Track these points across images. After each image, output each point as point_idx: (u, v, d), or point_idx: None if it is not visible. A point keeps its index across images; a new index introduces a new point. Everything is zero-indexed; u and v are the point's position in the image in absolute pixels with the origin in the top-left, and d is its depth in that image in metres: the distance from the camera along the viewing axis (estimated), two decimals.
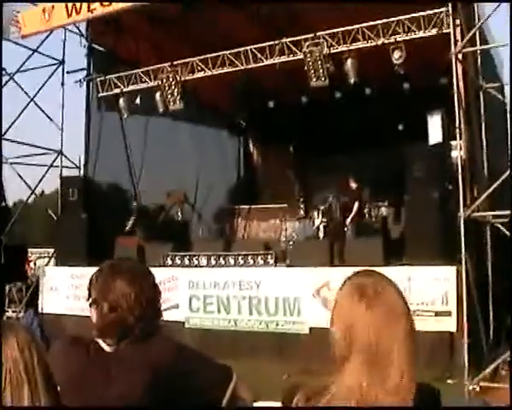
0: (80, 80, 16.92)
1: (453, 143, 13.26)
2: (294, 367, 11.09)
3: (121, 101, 16.37)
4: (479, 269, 11.62)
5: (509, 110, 13.10)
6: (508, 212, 12.08)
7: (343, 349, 1.87)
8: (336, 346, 1.90)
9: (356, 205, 15.04)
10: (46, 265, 17.09)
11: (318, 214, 17.72)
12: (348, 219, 15.03)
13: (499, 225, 11.70)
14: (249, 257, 14.25)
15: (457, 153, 12.05)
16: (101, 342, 2.48)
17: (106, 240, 15.59)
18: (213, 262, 14.34)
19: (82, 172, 17.38)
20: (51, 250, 17.79)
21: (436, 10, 12.74)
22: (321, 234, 16.83)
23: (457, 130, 11.21)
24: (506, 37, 12.59)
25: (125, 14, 15.01)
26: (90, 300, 2.52)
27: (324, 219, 17.08)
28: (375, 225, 16.62)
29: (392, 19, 13.26)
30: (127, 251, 14.86)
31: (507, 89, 14.76)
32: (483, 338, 11.24)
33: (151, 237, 16.18)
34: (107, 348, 2.47)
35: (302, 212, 20.27)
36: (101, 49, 17.00)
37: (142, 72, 16.17)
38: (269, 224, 19.54)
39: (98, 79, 16.67)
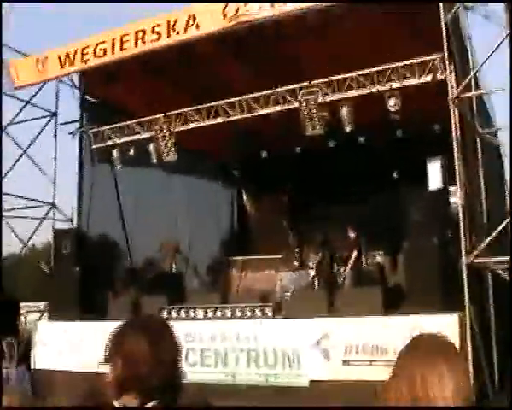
0: (73, 132, 16.85)
1: (451, 188, 13.22)
2: None
3: (114, 152, 16.27)
4: (481, 315, 11.49)
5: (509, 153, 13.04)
6: (507, 258, 12.03)
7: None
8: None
9: (354, 254, 14.94)
10: (38, 319, 16.78)
11: (314, 264, 17.62)
12: (347, 268, 14.92)
13: (500, 271, 11.63)
14: (247, 309, 14.01)
15: (456, 199, 11.99)
16: (117, 404, 2.32)
17: (99, 294, 15.36)
18: (210, 315, 14.07)
19: (75, 224, 17.17)
20: (43, 304, 17.53)
21: (430, 57, 12.76)
22: (316, 284, 16.69)
23: (457, 175, 11.14)
24: (499, 82, 12.70)
25: (119, 64, 15.03)
26: (105, 357, 2.38)
27: (320, 270, 16.97)
28: (373, 274, 16.48)
29: (387, 66, 13.27)
30: (121, 306, 14.63)
31: (500, 133, 14.83)
32: (488, 384, 11.05)
33: (145, 291, 15.94)
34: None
35: (297, 262, 20.10)
36: (94, 100, 16.96)
37: (135, 123, 16.12)
38: (264, 275, 19.31)
39: (91, 131, 16.59)
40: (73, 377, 13.07)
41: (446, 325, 11.14)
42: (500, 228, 10.98)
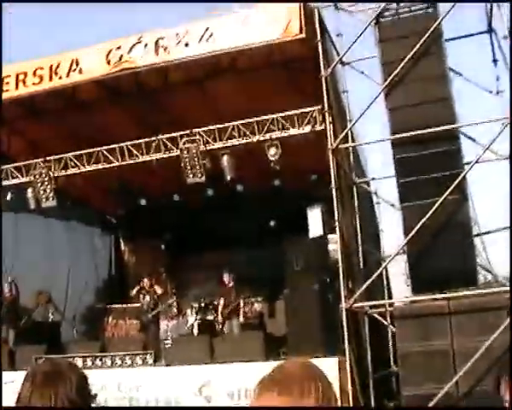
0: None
1: (330, 236, 13.67)
2: None
3: None
4: (359, 357, 11.82)
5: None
6: (383, 302, 12.54)
7: None
8: None
9: (234, 302, 15.12)
10: None
11: (192, 312, 17.61)
12: (226, 315, 15.05)
13: (375, 315, 12.08)
14: (127, 357, 13.81)
15: (335, 246, 12.38)
16: None
17: None
18: (90, 363, 13.72)
19: None
20: None
21: (309, 109, 13.22)
22: (195, 331, 16.68)
23: (336, 223, 11.54)
24: (372, 136, 13.34)
25: None
26: None
27: (199, 317, 16.98)
28: (253, 320, 16.66)
29: (267, 117, 13.63)
30: None
31: (373, 183, 15.49)
32: None
33: (22, 340, 15.40)
34: None
35: (175, 309, 20.02)
36: None
37: (13, 167, 15.67)
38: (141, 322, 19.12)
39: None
40: None
41: (327, 369, 11.27)
42: (376, 274, 11.43)
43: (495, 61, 13.01)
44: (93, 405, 2.40)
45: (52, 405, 2.22)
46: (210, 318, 16.70)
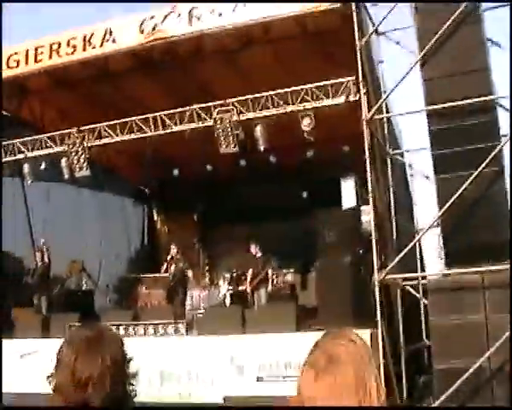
0: None
1: (362, 208, 13.58)
2: None
3: (25, 166, 15.84)
4: (391, 330, 11.77)
5: None
6: (416, 274, 12.45)
7: None
8: None
9: (262, 272, 15.14)
10: None
11: (224, 282, 17.70)
12: (258, 286, 15.08)
13: (408, 288, 12.00)
14: (160, 326, 13.92)
15: (368, 217, 12.29)
16: None
17: (7, 312, 14.96)
18: (122, 332, 13.84)
19: None
20: None
21: (344, 79, 13.09)
22: (227, 301, 16.77)
23: (370, 194, 11.44)
24: (407, 106, 13.16)
25: (31, 77, 14.79)
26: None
27: (231, 287, 17.06)
28: (284, 291, 16.69)
29: (301, 87, 13.53)
30: (29, 324, 14.32)
31: (406, 155, 15.34)
32: (397, 398, 11.30)
33: (55, 309, 15.61)
34: None
35: (207, 280, 20.16)
36: (5, 113, 16.50)
37: (47, 137, 15.76)
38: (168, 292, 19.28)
39: (2, 144, 16.13)
40: None
41: None
42: (409, 247, 11.32)
43: None
44: (129, 370, 2.35)
45: (98, 369, 2.20)
46: (242, 288, 16.77)
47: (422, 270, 13.96)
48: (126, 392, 2.30)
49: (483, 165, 9.85)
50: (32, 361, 12.77)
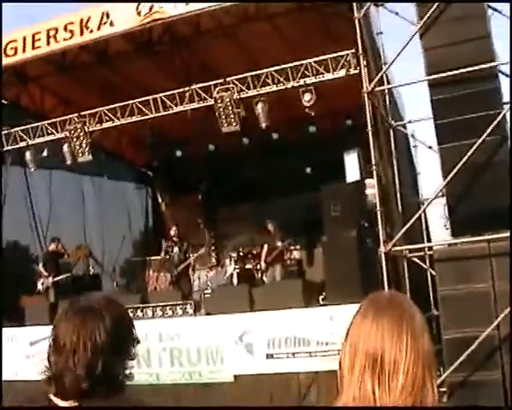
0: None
1: (367, 181, 13.55)
2: None
3: (27, 154, 15.80)
4: None
5: None
6: (421, 245, 12.44)
7: (348, 361, 1.87)
8: (342, 359, 1.90)
9: (275, 248, 15.10)
10: None
11: (231, 261, 17.72)
12: (266, 263, 15.07)
13: (415, 259, 12.00)
14: (167, 308, 13.95)
15: (373, 190, 12.28)
16: (54, 399, 2.23)
17: (14, 300, 15.01)
18: (131, 315, 13.85)
19: None
20: None
21: (343, 52, 13.02)
22: (235, 281, 16.79)
23: (373, 167, 11.39)
24: (408, 77, 13.07)
25: (30, 64, 14.71)
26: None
27: (238, 266, 17.07)
28: (291, 268, 16.69)
29: (301, 62, 13.46)
30: (38, 310, 14.36)
31: (409, 126, 15.29)
32: None
33: (63, 294, 15.63)
34: (64, 404, 2.21)
35: (214, 260, 20.17)
36: (5, 101, 16.44)
37: (48, 123, 15.71)
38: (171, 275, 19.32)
39: (3, 133, 16.10)
40: None
41: None
42: (415, 218, 11.29)
43: None
44: (134, 348, 2.36)
45: (81, 342, 2.19)
46: (249, 267, 16.79)
47: (428, 241, 13.93)
48: (109, 372, 2.25)
49: (486, 133, 9.79)
50: (42, 348, 12.83)
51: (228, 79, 14.04)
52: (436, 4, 10.49)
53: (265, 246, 15.48)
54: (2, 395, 10.76)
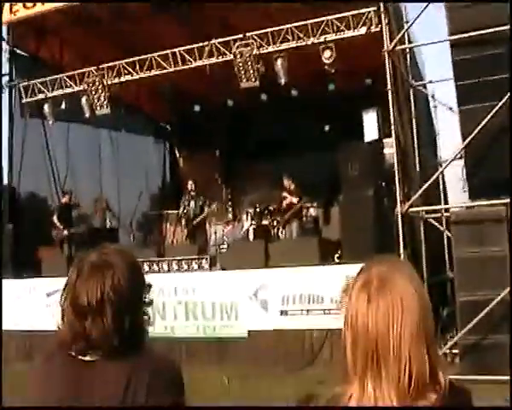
0: (2, 86, 16.29)
1: (385, 140, 13.47)
2: (234, 371, 11.03)
3: (46, 106, 15.83)
4: (414, 263, 11.76)
5: None
6: (439, 207, 12.40)
7: (350, 352, 1.83)
8: (345, 349, 1.86)
9: (293, 204, 15.01)
10: None
11: (247, 217, 17.72)
12: (284, 218, 15.03)
13: (431, 220, 11.97)
14: (183, 262, 14.04)
15: (391, 150, 12.20)
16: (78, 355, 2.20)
17: (32, 251, 15.16)
18: (147, 268, 13.95)
19: (6, 180, 16.74)
20: None
21: (365, 10, 12.85)
22: (251, 236, 16.81)
23: (392, 126, 11.31)
24: (429, 37, 12.88)
25: (49, 16, 14.68)
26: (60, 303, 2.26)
27: (254, 222, 17.08)
28: (308, 225, 16.67)
29: (322, 19, 13.30)
30: (55, 262, 14.48)
31: (429, 87, 15.13)
32: None
33: (80, 246, 15.75)
34: (87, 358, 2.19)
35: (230, 215, 20.20)
36: (24, 53, 16.42)
37: (67, 76, 15.69)
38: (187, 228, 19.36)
39: (21, 85, 16.11)
40: (6, 335, 12.88)
41: None
42: (432, 179, 11.24)
43: None
44: (147, 295, 2.31)
45: (97, 295, 2.16)
46: (265, 223, 16.80)
47: (446, 202, 13.89)
48: (135, 323, 2.22)
49: (507, 96, 9.68)
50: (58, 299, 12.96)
51: (247, 34, 13.92)
52: None
53: (284, 202, 15.38)
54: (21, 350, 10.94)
